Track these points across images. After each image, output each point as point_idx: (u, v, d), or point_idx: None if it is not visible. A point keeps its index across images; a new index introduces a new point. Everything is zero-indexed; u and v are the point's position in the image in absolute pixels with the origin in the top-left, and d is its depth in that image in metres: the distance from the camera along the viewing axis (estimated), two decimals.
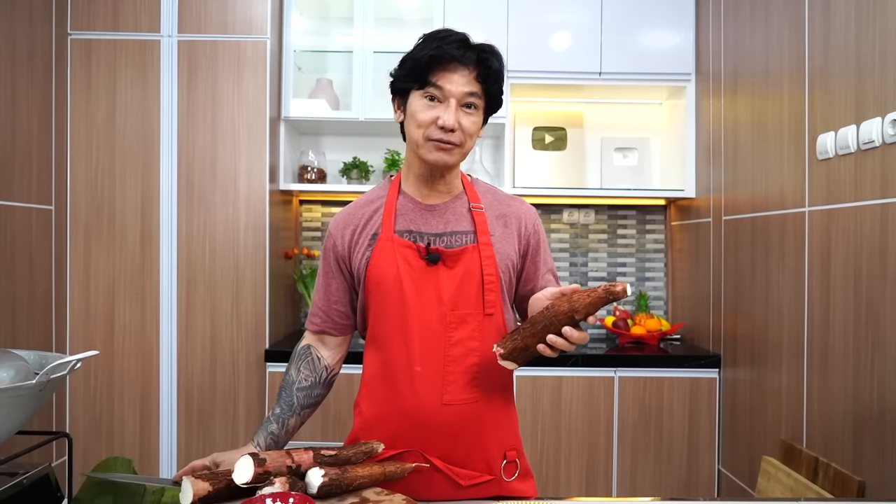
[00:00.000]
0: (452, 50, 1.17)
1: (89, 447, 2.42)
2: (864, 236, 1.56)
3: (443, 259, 1.23)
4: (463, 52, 1.18)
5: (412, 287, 1.22)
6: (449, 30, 1.23)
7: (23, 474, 1.00)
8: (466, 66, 1.18)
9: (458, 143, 1.21)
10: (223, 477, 1.00)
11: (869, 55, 1.55)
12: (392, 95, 1.29)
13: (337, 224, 1.32)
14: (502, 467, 1.28)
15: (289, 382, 1.34)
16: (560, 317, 1.07)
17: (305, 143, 2.95)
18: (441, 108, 1.19)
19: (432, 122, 1.19)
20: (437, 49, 1.17)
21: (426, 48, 1.19)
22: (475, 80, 1.20)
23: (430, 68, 1.18)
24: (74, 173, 2.43)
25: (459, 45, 1.18)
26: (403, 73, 1.23)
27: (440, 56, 1.17)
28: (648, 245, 3.01)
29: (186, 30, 2.43)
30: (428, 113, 1.19)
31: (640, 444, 2.41)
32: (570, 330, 1.07)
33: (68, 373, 1.01)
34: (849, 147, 1.60)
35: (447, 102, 1.19)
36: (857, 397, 1.59)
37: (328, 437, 2.38)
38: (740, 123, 2.26)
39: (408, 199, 1.29)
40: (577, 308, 1.06)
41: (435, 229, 1.26)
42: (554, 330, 1.08)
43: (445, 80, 1.18)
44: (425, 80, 1.19)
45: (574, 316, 1.06)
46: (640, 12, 2.64)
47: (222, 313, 2.44)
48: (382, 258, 1.24)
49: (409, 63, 1.21)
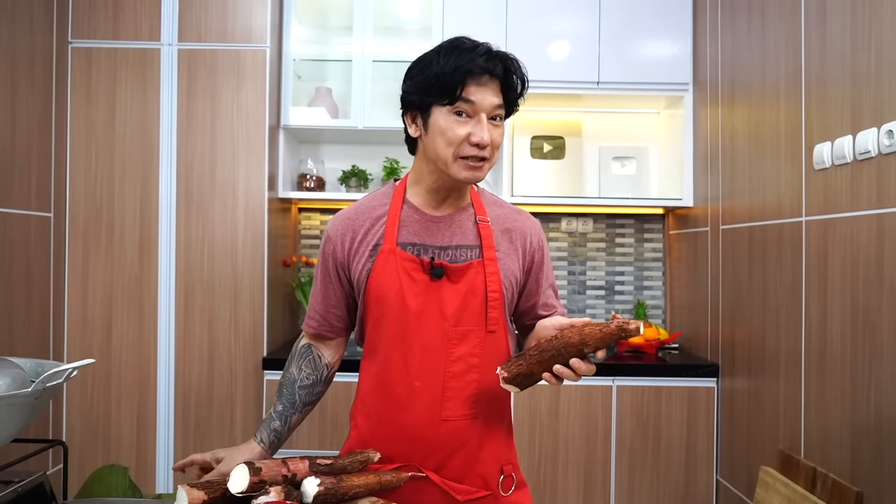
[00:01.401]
0: (484, 62, 1.13)
1: (85, 455, 2.42)
2: (861, 246, 1.56)
3: (447, 274, 1.21)
4: (494, 64, 1.15)
5: (414, 302, 1.20)
6: (470, 39, 1.18)
7: (18, 482, 1.00)
8: (495, 77, 1.15)
9: (489, 158, 1.18)
10: (218, 486, 1.00)
11: (864, 66, 1.56)
12: (404, 110, 1.24)
13: (336, 228, 1.28)
14: (500, 482, 1.27)
15: (290, 380, 1.33)
16: (569, 348, 1.06)
17: (304, 152, 2.95)
18: (472, 124, 1.15)
19: (464, 139, 1.15)
20: (470, 62, 1.13)
21: (455, 61, 1.13)
22: (500, 90, 1.17)
23: (461, 83, 1.13)
24: (73, 181, 2.43)
25: (489, 58, 1.15)
26: (425, 87, 1.16)
27: (472, 69, 1.13)
28: (647, 254, 3.02)
29: (186, 38, 2.44)
30: (460, 129, 1.14)
31: (638, 454, 2.40)
32: (577, 362, 1.06)
33: (64, 381, 1.01)
34: (845, 157, 1.61)
35: (477, 117, 1.15)
36: (854, 407, 1.59)
37: (325, 446, 2.37)
38: (738, 133, 2.27)
39: (413, 210, 1.26)
40: (587, 342, 1.05)
41: (440, 242, 1.24)
42: (562, 361, 1.07)
43: (477, 94, 1.14)
44: (455, 94, 1.13)
45: (584, 349, 1.05)
46: (637, 22, 2.66)
47: (220, 321, 2.44)
48: (384, 271, 1.21)
49: (434, 77, 1.15)
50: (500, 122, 1.19)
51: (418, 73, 1.19)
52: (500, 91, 1.17)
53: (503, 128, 1.21)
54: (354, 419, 1.31)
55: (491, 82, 1.15)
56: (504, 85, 1.17)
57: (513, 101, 1.21)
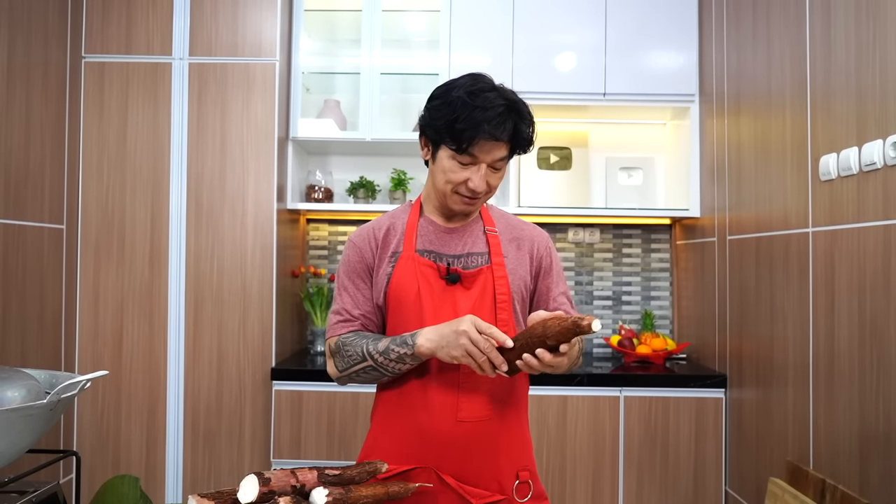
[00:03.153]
0: (494, 130, 1.19)
1: (96, 465, 2.43)
2: (868, 257, 1.56)
3: (461, 279, 1.29)
4: (503, 130, 1.20)
5: (431, 305, 1.27)
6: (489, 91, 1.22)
7: (32, 492, 1.02)
8: (503, 140, 1.22)
9: (483, 197, 1.29)
10: (228, 496, 1.01)
11: (869, 78, 1.57)
12: (420, 133, 1.32)
13: (361, 237, 1.35)
14: (514, 487, 1.28)
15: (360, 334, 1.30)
16: (534, 339, 1.11)
17: (313, 163, 2.98)
18: (472, 170, 1.24)
19: (462, 183, 1.25)
20: (479, 129, 1.18)
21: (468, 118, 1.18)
22: (506, 145, 1.25)
23: (468, 141, 1.20)
24: (86, 193, 2.47)
25: (499, 123, 1.19)
26: (438, 127, 1.23)
27: (481, 134, 1.19)
28: (654, 264, 3.02)
29: (197, 52, 2.48)
30: (459, 174, 1.24)
31: (646, 465, 2.39)
32: (542, 352, 1.10)
33: (78, 392, 1.02)
34: (851, 169, 1.61)
35: (478, 166, 1.24)
36: (862, 418, 1.58)
37: (333, 456, 2.38)
38: (744, 144, 2.27)
39: (428, 222, 1.35)
40: (548, 334, 1.09)
41: (454, 251, 1.32)
42: (529, 350, 1.11)
43: (482, 150, 1.22)
44: (461, 147, 1.21)
45: (546, 341, 1.09)
46: (643, 34, 2.68)
47: (229, 332, 2.46)
48: (404, 275, 1.29)
49: (445, 123, 1.21)
50: (500, 168, 1.27)
51: (437, 109, 1.25)
52: (506, 145, 1.25)
53: (503, 170, 1.29)
54: (374, 420, 1.36)
55: (499, 143, 1.23)
56: (513, 141, 1.25)
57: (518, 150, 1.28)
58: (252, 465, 2.44)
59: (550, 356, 1.10)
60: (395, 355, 1.22)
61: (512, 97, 1.24)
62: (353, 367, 1.28)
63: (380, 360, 1.24)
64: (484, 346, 1.12)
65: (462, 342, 1.13)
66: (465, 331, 1.13)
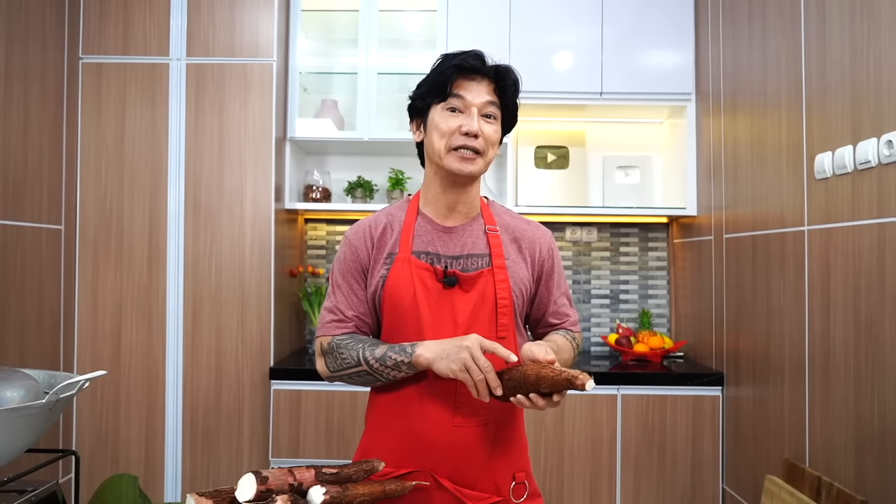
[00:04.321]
0: (472, 61, 1.24)
1: (95, 464, 2.44)
2: (863, 255, 1.57)
3: (459, 283, 1.24)
4: (482, 64, 1.25)
5: (428, 309, 1.23)
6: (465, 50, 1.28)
7: (31, 491, 1.02)
8: (486, 77, 1.25)
9: (481, 151, 1.25)
10: (226, 494, 1.01)
11: (864, 77, 1.57)
12: (410, 118, 1.33)
13: (357, 235, 1.31)
14: (511, 489, 1.28)
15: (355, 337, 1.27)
16: (526, 383, 1.10)
17: (311, 163, 2.99)
18: (463, 117, 1.24)
19: (455, 130, 1.23)
20: (461, 60, 1.24)
21: (447, 61, 1.25)
22: (493, 91, 1.26)
23: (452, 80, 1.23)
24: (84, 194, 2.47)
25: (478, 58, 1.25)
26: (424, 89, 1.28)
27: (462, 66, 1.23)
28: (651, 262, 3.03)
29: (194, 53, 2.49)
30: (451, 122, 1.24)
31: (644, 463, 2.40)
32: (536, 398, 1.09)
33: (77, 392, 1.03)
34: (846, 167, 1.62)
35: (468, 111, 1.24)
36: (858, 416, 1.59)
37: (332, 456, 2.39)
38: (740, 142, 2.28)
39: (426, 220, 1.30)
40: (541, 383, 1.09)
41: (452, 252, 1.28)
42: (522, 391, 1.11)
43: (466, 90, 1.24)
44: (447, 91, 1.24)
45: (539, 388, 1.09)
46: (640, 33, 2.69)
47: (227, 331, 2.47)
48: (399, 278, 1.24)
49: (430, 78, 1.27)
50: (493, 121, 1.27)
51: (422, 84, 1.30)
52: (493, 91, 1.26)
53: (497, 126, 1.28)
54: (369, 423, 1.32)
55: (482, 80, 1.25)
56: (497, 86, 1.27)
57: (508, 103, 1.29)
58: (251, 465, 2.44)
59: (543, 402, 1.09)
60: (392, 362, 1.20)
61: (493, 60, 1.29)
62: (346, 370, 1.26)
63: (375, 367, 1.22)
64: (483, 364, 1.11)
65: (463, 356, 1.11)
66: (469, 346, 1.11)
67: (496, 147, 1.28)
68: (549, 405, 1.10)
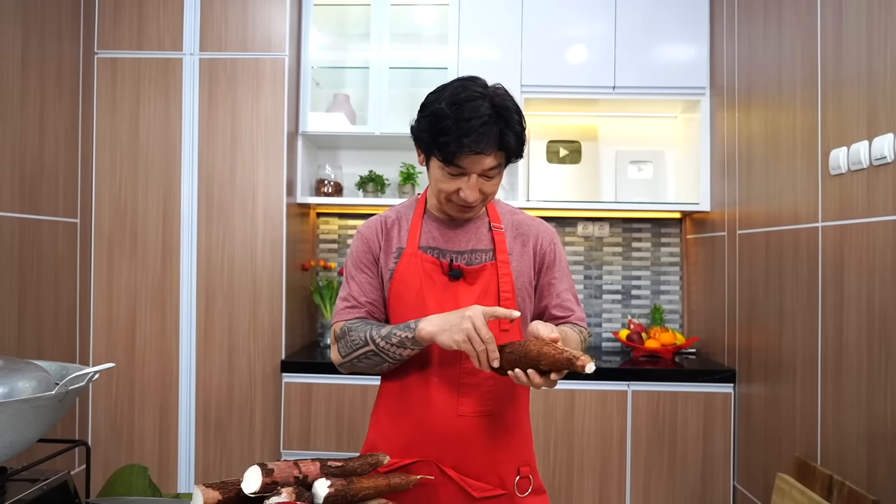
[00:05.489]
0: (474, 144, 1.16)
1: (110, 455, 2.48)
2: (877, 252, 1.55)
3: (464, 276, 1.29)
4: (485, 143, 1.16)
5: (434, 301, 1.27)
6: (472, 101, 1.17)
7: (43, 480, 1.04)
8: (489, 152, 1.18)
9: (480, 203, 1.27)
10: (233, 486, 1.03)
11: (881, 71, 1.55)
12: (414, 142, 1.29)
13: (369, 228, 1.36)
14: (515, 483, 1.29)
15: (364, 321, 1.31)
16: (528, 359, 1.10)
17: (322, 157, 3.00)
18: (462, 181, 1.22)
19: (454, 192, 1.23)
20: (459, 144, 1.16)
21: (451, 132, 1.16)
22: (496, 153, 1.20)
23: (452, 155, 1.18)
24: (99, 188, 2.50)
25: (480, 136, 1.15)
26: (425, 140, 1.21)
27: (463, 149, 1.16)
28: (663, 258, 3.00)
29: (208, 48, 2.50)
30: (450, 184, 1.23)
31: (654, 459, 2.39)
32: (533, 374, 1.09)
33: (87, 384, 1.05)
34: (861, 163, 1.60)
35: (468, 177, 1.21)
36: (870, 415, 1.57)
37: (342, 448, 2.41)
38: (754, 137, 2.25)
39: (432, 218, 1.36)
40: (541, 360, 1.08)
41: (457, 247, 1.32)
42: (522, 366, 1.11)
43: (468, 162, 1.19)
44: (447, 160, 1.19)
45: (539, 365, 1.09)
46: (654, 26, 2.66)
47: (240, 324, 2.49)
48: (407, 272, 1.30)
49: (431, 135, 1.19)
50: (494, 176, 1.24)
51: (424, 120, 1.23)
52: (495, 154, 1.20)
53: (498, 178, 1.26)
54: (375, 413, 1.37)
55: (489, 151, 1.18)
56: (503, 149, 1.21)
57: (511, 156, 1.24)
58: (262, 456, 2.47)
59: (540, 379, 1.09)
60: (397, 339, 1.22)
61: (500, 103, 1.19)
62: (355, 353, 1.27)
63: (381, 345, 1.23)
64: (485, 335, 1.12)
65: (465, 326, 1.12)
66: (471, 316, 1.12)
67: (497, 189, 1.28)
68: (545, 384, 1.10)
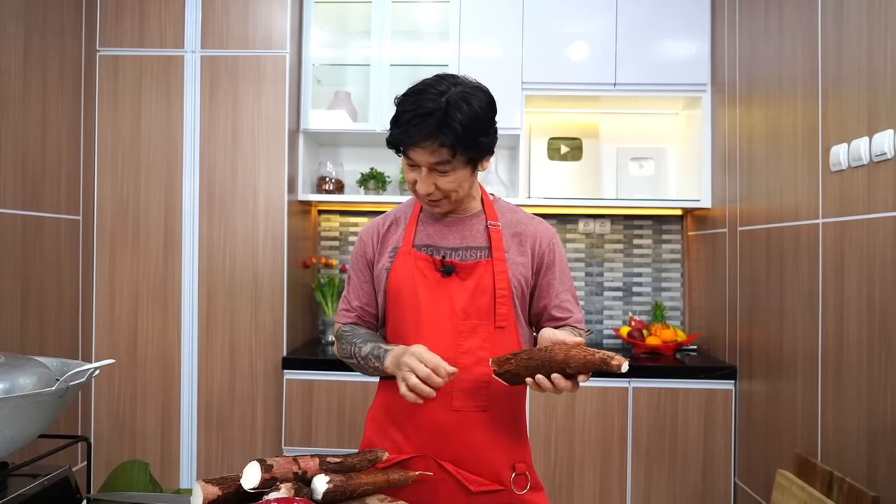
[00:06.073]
0: (405, 137, 1.21)
1: (112, 450, 2.49)
2: (877, 249, 1.55)
3: (456, 271, 1.30)
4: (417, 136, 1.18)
5: (427, 297, 1.29)
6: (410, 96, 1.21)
7: (44, 476, 1.05)
8: (425, 145, 1.20)
9: (442, 198, 1.28)
10: (232, 482, 1.03)
11: (881, 68, 1.54)
12: None
13: (367, 232, 1.42)
14: (512, 479, 1.30)
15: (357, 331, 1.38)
16: (553, 364, 1.10)
17: (324, 155, 3.00)
18: (416, 173, 1.26)
19: (413, 184, 1.29)
20: (397, 138, 1.23)
21: (393, 124, 1.23)
22: (439, 147, 1.20)
23: (401, 149, 1.25)
24: (101, 185, 2.51)
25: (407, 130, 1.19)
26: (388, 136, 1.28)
27: (401, 142, 1.23)
28: (665, 255, 3.00)
29: (209, 45, 2.51)
30: (409, 175, 1.28)
31: (655, 456, 2.39)
32: (559, 378, 1.11)
33: (87, 380, 1.05)
34: (861, 159, 1.59)
35: (420, 169, 1.25)
36: (871, 411, 1.57)
37: (344, 445, 2.41)
38: (755, 134, 2.25)
39: (428, 216, 1.38)
40: (570, 363, 1.09)
41: (451, 244, 1.34)
42: (545, 372, 1.11)
43: (414, 155, 1.23)
44: (397, 149, 1.27)
45: (566, 369, 1.09)
46: (655, 23, 2.65)
47: (241, 321, 2.50)
48: (401, 270, 1.32)
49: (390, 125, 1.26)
50: (448, 172, 1.23)
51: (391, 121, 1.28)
52: (439, 148, 1.20)
53: (455, 173, 1.24)
54: (373, 409, 1.39)
55: (422, 148, 1.21)
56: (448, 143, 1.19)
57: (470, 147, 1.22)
58: (264, 453, 2.48)
59: (566, 383, 1.11)
60: (372, 366, 1.29)
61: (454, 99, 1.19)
62: (347, 360, 1.37)
63: (362, 364, 1.32)
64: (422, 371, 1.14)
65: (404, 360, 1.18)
66: (406, 362, 1.17)
67: (464, 186, 1.28)
68: (570, 388, 1.12)
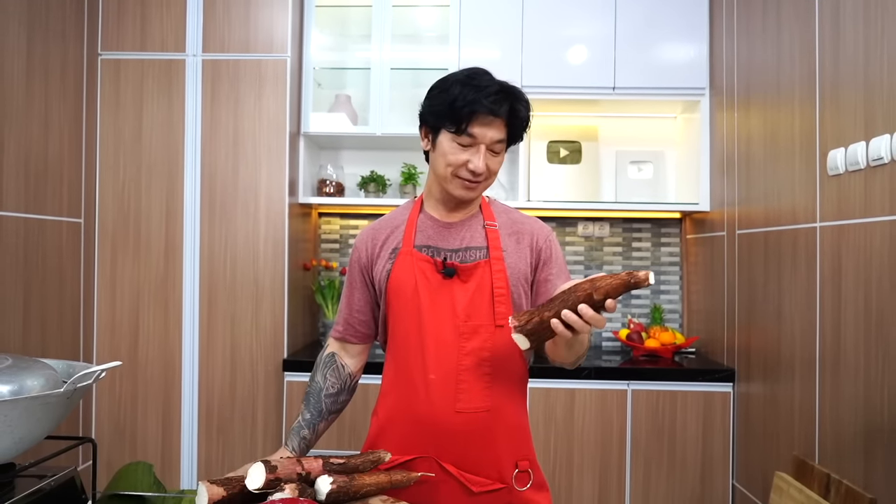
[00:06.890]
0: (491, 104, 1.23)
1: (113, 452, 2.50)
2: (874, 252, 1.56)
3: (458, 273, 1.31)
4: (500, 106, 1.24)
5: (428, 299, 1.29)
6: (485, 74, 1.27)
7: (50, 477, 1.06)
8: (500, 118, 1.25)
9: (482, 181, 1.30)
10: (237, 482, 1.04)
11: (878, 72, 1.56)
12: (420, 124, 1.35)
13: (362, 238, 1.42)
14: (514, 476, 1.31)
15: (316, 389, 1.42)
16: (579, 293, 1.06)
17: (324, 158, 3.01)
18: (471, 152, 1.26)
19: (462, 165, 1.27)
20: (477, 104, 1.23)
21: (466, 97, 1.23)
22: (503, 126, 1.27)
23: (467, 119, 1.23)
24: (103, 188, 2.52)
25: (496, 100, 1.24)
26: (437, 111, 1.27)
27: (479, 110, 1.23)
28: (663, 258, 3.02)
29: (210, 49, 2.52)
30: (459, 156, 1.27)
31: (654, 458, 2.41)
32: (585, 307, 1.06)
33: (94, 382, 1.06)
34: (858, 163, 1.61)
35: (477, 147, 1.26)
36: (868, 414, 1.59)
37: (343, 446, 2.42)
38: (753, 138, 2.27)
39: (428, 217, 1.38)
40: (597, 287, 1.05)
41: (452, 245, 1.34)
42: (571, 307, 1.07)
43: (480, 129, 1.25)
44: (460, 127, 1.24)
45: (593, 295, 1.05)
46: (654, 27, 2.67)
47: (242, 323, 2.51)
48: (402, 270, 1.32)
49: (444, 106, 1.25)
50: (499, 152, 1.29)
51: (436, 97, 1.29)
52: (503, 126, 1.27)
53: (502, 156, 1.31)
54: (376, 412, 1.40)
55: (495, 120, 1.26)
56: (510, 124, 1.28)
57: (515, 134, 1.31)
58: (265, 454, 2.48)
59: (592, 312, 1.06)
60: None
61: (508, 85, 1.28)
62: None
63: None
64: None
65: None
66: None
67: (497, 173, 1.33)
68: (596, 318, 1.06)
